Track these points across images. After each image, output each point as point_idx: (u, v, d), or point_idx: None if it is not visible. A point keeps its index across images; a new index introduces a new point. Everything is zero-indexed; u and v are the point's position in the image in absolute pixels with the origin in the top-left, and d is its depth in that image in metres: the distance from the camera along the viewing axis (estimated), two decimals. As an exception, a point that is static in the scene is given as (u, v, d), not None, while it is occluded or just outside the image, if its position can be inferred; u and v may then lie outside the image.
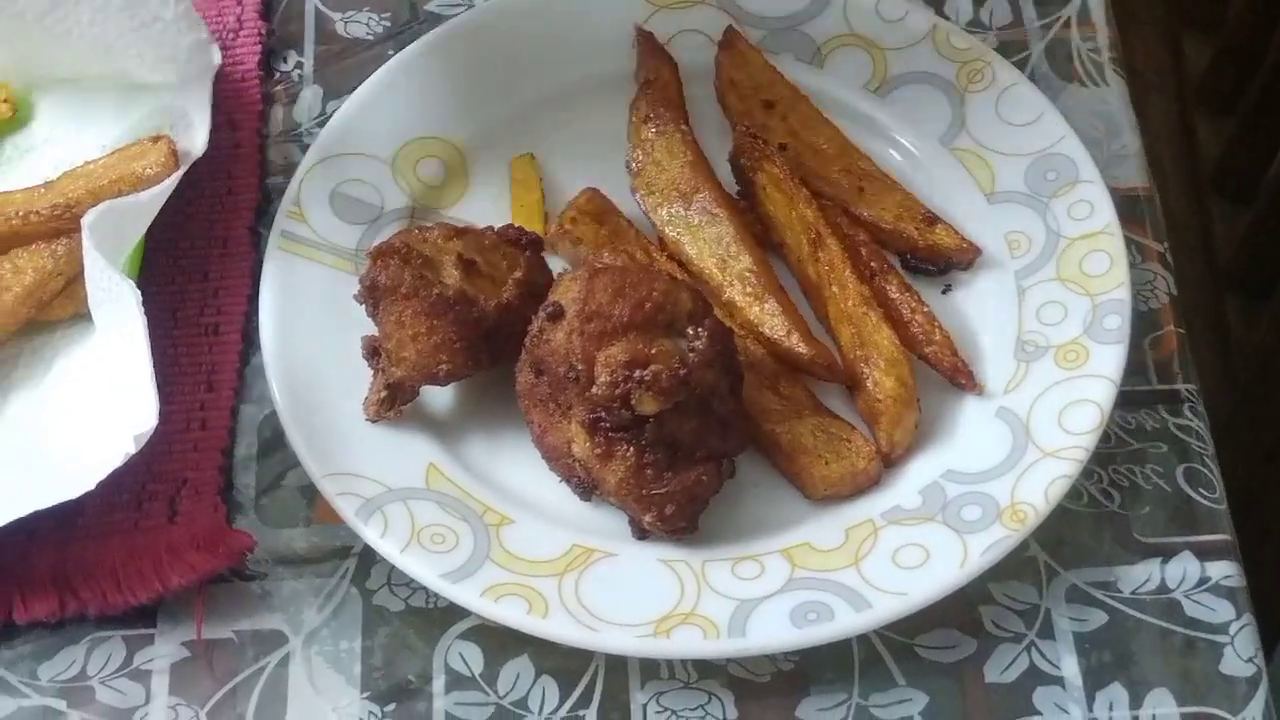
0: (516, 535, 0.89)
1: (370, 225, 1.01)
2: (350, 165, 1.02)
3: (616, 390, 0.85)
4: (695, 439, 0.87)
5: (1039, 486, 0.88)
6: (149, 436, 0.85)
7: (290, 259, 0.98)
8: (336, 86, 1.10)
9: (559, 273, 0.93)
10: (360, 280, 0.94)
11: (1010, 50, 1.09)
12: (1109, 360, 0.92)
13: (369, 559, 0.92)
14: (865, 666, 0.88)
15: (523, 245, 0.96)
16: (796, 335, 0.95)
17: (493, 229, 0.97)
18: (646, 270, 0.92)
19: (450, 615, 0.90)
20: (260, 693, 0.88)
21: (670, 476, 0.87)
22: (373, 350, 0.94)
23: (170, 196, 0.96)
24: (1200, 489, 0.94)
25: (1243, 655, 0.88)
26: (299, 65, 1.12)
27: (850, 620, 0.85)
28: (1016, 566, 0.90)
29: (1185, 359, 0.98)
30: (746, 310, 0.96)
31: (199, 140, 0.99)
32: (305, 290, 0.97)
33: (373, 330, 0.94)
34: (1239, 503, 0.96)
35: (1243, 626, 0.89)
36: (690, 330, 0.87)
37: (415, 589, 0.91)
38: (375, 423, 0.93)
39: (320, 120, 1.08)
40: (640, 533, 0.89)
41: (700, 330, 0.87)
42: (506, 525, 0.90)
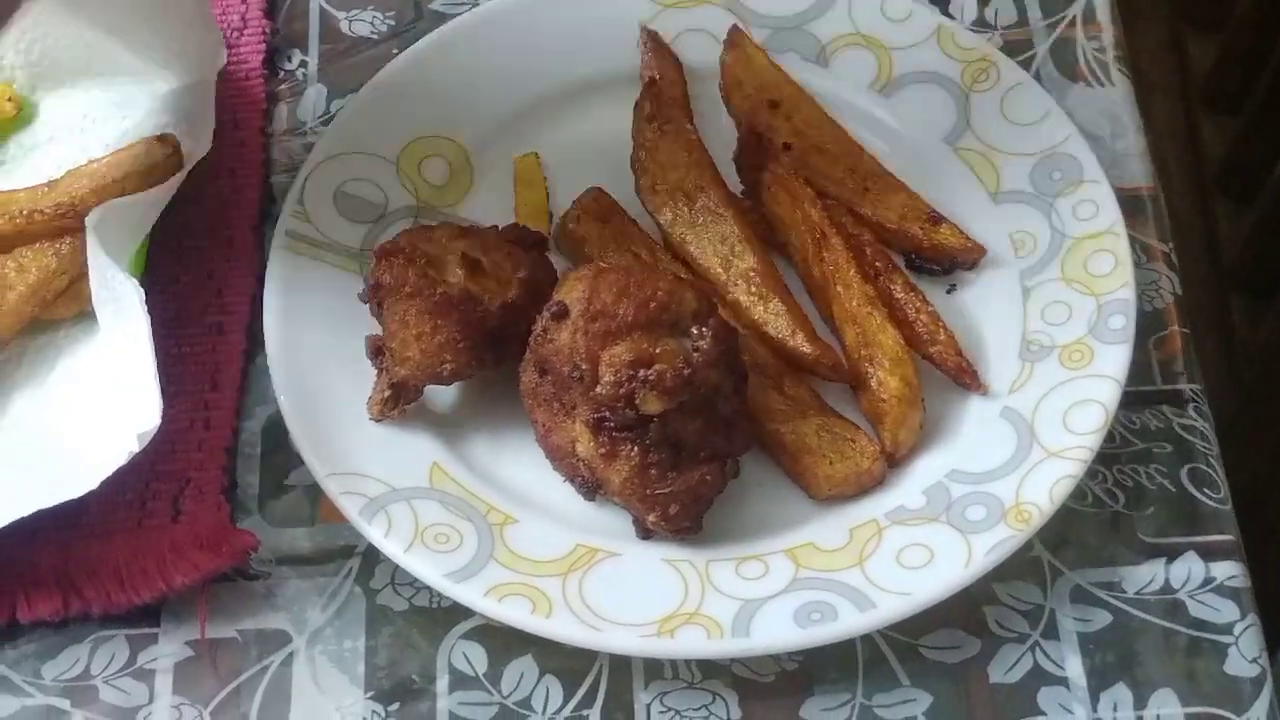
0: (520, 535, 0.89)
1: (374, 224, 1.01)
2: (354, 164, 1.02)
3: (621, 390, 0.85)
4: (699, 439, 0.87)
5: (1043, 486, 0.88)
6: (152, 435, 0.85)
7: (294, 258, 0.98)
8: (341, 85, 1.10)
9: (563, 272, 0.93)
10: (365, 279, 0.94)
11: (1015, 50, 1.09)
12: (1114, 360, 0.92)
13: (373, 558, 0.92)
14: (869, 667, 0.88)
15: (527, 244, 0.96)
16: (801, 335, 0.94)
17: (497, 228, 0.97)
18: (651, 270, 0.92)
19: (454, 615, 0.90)
20: (264, 692, 0.88)
21: (674, 476, 0.86)
22: (377, 349, 0.94)
23: (174, 195, 0.96)
24: (1205, 489, 0.93)
25: (1247, 656, 0.88)
26: (303, 64, 1.12)
27: (854, 620, 0.85)
28: (1021, 567, 0.90)
29: (1190, 359, 0.98)
30: (751, 310, 0.96)
31: (203, 139, 0.99)
32: (309, 289, 0.97)
33: (377, 329, 0.94)
34: (1243, 503, 0.96)
35: (1247, 627, 0.89)
36: (695, 330, 0.87)
37: (419, 588, 0.91)
38: (379, 422, 0.93)
39: (324, 119, 1.08)
40: (644, 532, 0.89)
41: (705, 330, 0.87)
42: (510, 525, 0.90)
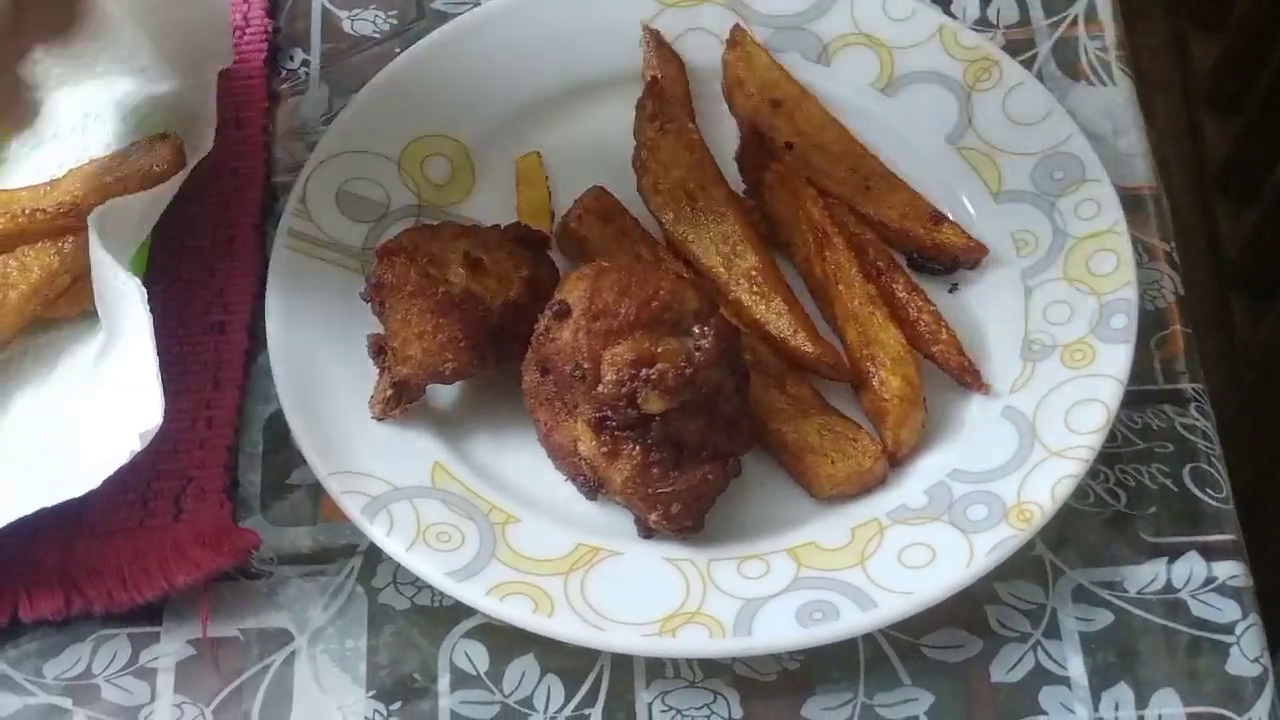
0: (522, 534, 0.89)
1: (376, 223, 1.01)
2: (356, 163, 1.02)
3: (623, 389, 0.85)
4: (701, 438, 0.87)
5: (1045, 486, 0.88)
6: (154, 434, 0.85)
7: (296, 257, 0.98)
8: (343, 84, 1.10)
9: (565, 271, 0.93)
10: (366, 278, 0.94)
11: (1017, 49, 1.09)
12: (1115, 360, 0.92)
13: (374, 557, 0.92)
14: (871, 666, 0.88)
15: (529, 244, 0.96)
16: (803, 334, 0.94)
17: (499, 227, 0.97)
18: (653, 269, 0.92)
19: (456, 614, 0.90)
20: (265, 691, 0.88)
21: (676, 475, 0.86)
22: (378, 348, 0.94)
23: (176, 195, 0.96)
24: (1206, 489, 0.93)
25: (1249, 655, 0.88)
26: (305, 63, 1.12)
27: (856, 619, 0.85)
28: (1022, 566, 0.90)
29: (1191, 358, 0.98)
30: (753, 309, 0.96)
31: (205, 138, 0.99)
32: (311, 288, 0.97)
33: (379, 328, 0.94)
34: (1245, 502, 0.96)
35: (1249, 626, 0.89)
36: (696, 329, 0.87)
37: (421, 587, 0.91)
38: (381, 421, 0.93)
39: (326, 118, 1.08)
40: (646, 532, 0.89)
41: (706, 329, 0.87)
42: (512, 524, 0.90)
